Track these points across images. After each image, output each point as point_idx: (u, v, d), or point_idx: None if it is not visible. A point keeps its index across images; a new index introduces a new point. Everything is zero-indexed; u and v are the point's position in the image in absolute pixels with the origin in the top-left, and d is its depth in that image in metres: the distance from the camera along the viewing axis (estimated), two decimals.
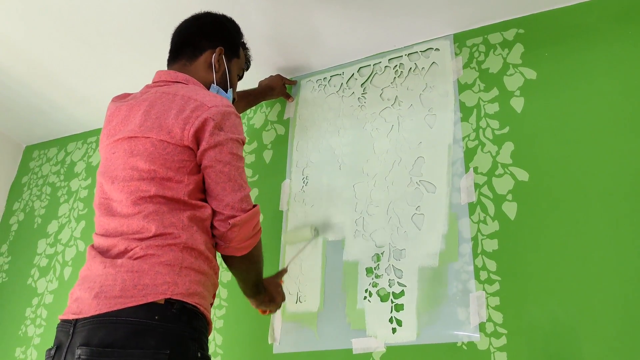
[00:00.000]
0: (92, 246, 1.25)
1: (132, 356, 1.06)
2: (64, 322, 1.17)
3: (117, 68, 2.15)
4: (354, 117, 1.94)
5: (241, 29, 1.60)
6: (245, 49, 1.63)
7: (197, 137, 1.25)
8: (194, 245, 1.20)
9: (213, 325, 1.60)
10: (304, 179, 1.93)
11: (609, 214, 1.44)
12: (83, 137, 2.55)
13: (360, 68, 2.02)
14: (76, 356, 1.08)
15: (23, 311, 2.20)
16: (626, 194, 1.45)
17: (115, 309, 1.10)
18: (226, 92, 1.49)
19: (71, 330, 1.13)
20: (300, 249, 1.78)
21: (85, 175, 2.41)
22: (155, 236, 1.18)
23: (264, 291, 1.52)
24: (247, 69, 1.68)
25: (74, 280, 2.15)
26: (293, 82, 2.12)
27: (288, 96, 2.09)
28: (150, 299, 1.11)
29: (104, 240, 1.23)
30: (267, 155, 2.04)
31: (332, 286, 1.71)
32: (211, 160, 1.26)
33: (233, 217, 1.25)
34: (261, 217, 1.91)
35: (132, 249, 1.18)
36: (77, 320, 1.13)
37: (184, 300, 1.15)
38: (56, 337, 1.18)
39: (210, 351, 1.75)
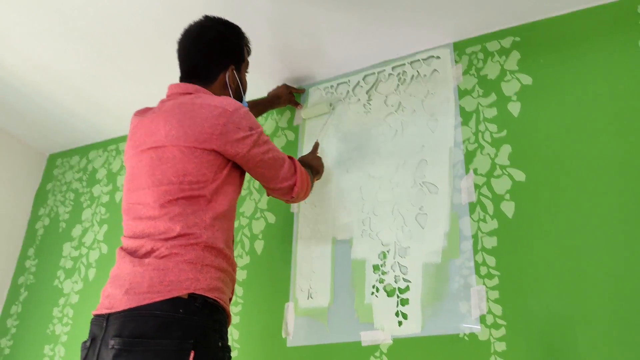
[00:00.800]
0: (121, 248, 1.36)
1: (160, 345, 1.17)
2: (98, 317, 1.28)
3: (135, 79, 2.27)
4: (360, 123, 2.04)
5: (236, 24, 1.63)
6: (242, 34, 1.65)
7: (224, 140, 1.38)
8: (214, 244, 1.31)
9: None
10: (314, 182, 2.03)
11: (602, 212, 1.53)
12: (104, 145, 2.68)
13: (365, 76, 2.12)
14: (110, 346, 1.19)
15: (50, 311, 2.33)
16: (618, 194, 1.53)
17: (144, 303, 1.21)
18: (242, 101, 1.61)
19: (104, 324, 1.24)
20: (324, 123, 2.08)
21: (107, 182, 2.54)
22: (179, 236, 1.29)
23: (316, 172, 1.84)
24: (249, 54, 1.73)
25: (98, 281, 2.28)
26: (301, 91, 2.22)
27: (296, 104, 2.20)
28: (175, 294, 1.22)
29: (132, 241, 1.34)
30: None
31: (342, 283, 1.81)
32: (255, 158, 1.46)
33: (292, 187, 1.58)
34: (271, 219, 2.02)
35: (157, 249, 1.29)
36: (109, 315, 1.24)
37: (206, 294, 1.26)
38: (90, 331, 1.29)
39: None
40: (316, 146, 1.94)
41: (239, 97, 1.61)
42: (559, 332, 1.46)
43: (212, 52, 1.57)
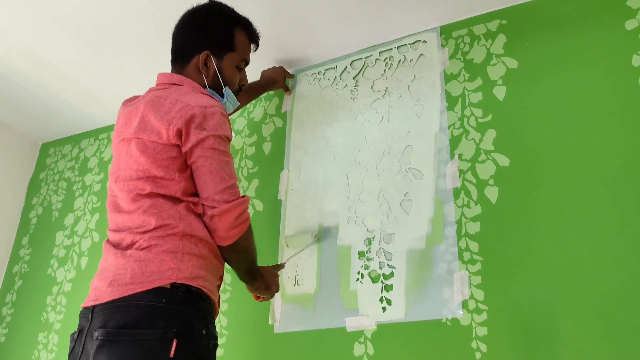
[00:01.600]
0: (107, 241, 1.38)
1: (143, 335, 1.18)
2: (85, 309, 1.29)
3: (125, 70, 2.27)
4: (346, 109, 2.03)
5: (235, 11, 1.61)
6: (246, 28, 1.63)
7: (180, 135, 1.34)
8: (192, 233, 1.31)
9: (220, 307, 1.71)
10: (301, 169, 2.03)
11: (586, 197, 1.52)
12: (95, 133, 2.68)
13: (352, 61, 2.11)
14: (94, 338, 1.20)
15: (44, 299, 2.35)
16: (602, 179, 1.52)
17: (126, 294, 1.22)
18: (221, 93, 1.57)
19: (90, 316, 1.26)
20: (299, 250, 1.84)
21: (98, 170, 2.54)
22: (155, 228, 1.30)
23: (260, 278, 1.57)
24: (256, 46, 1.68)
25: (90, 269, 2.29)
26: (291, 76, 2.21)
27: (287, 89, 2.19)
28: (157, 284, 1.22)
29: (115, 235, 1.36)
30: (267, 147, 2.15)
31: (327, 269, 1.81)
32: (194, 157, 1.34)
33: (213, 208, 1.33)
34: (259, 207, 2.03)
35: (137, 241, 1.30)
36: (95, 306, 1.26)
37: (188, 283, 1.26)
38: (79, 323, 1.31)
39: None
40: (280, 267, 1.74)
41: (218, 87, 1.57)
42: (539, 317, 1.46)
43: (191, 33, 1.57)
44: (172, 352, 1.17)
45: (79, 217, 2.47)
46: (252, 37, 1.66)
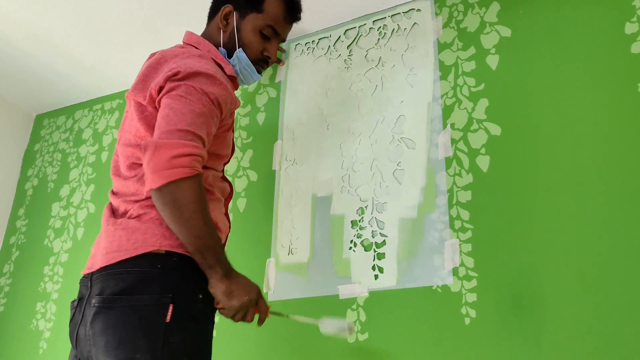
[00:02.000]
0: (106, 206, 1.38)
1: (140, 301, 1.18)
2: (84, 277, 1.31)
3: (118, 40, 2.25)
4: (340, 79, 2.03)
5: None
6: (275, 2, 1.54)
7: (154, 90, 1.29)
8: None
9: None
10: (294, 139, 2.03)
11: (576, 166, 1.53)
12: (89, 104, 2.67)
13: (346, 30, 2.10)
14: (91, 305, 1.22)
15: (41, 269, 2.37)
16: (594, 148, 1.53)
17: (114, 261, 1.23)
18: (228, 55, 1.51)
19: (89, 284, 1.27)
20: (307, 321, 1.46)
21: (93, 142, 2.54)
22: (147, 198, 1.29)
23: (222, 274, 1.23)
24: (293, 17, 1.59)
25: (86, 240, 2.31)
26: (282, 50, 2.20)
27: (279, 61, 2.18)
28: (140, 251, 1.22)
29: (113, 199, 1.37)
30: (260, 117, 2.15)
31: (321, 238, 1.83)
32: (162, 105, 1.24)
33: (154, 146, 1.16)
34: (253, 177, 2.03)
35: (129, 210, 1.30)
36: (92, 274, 1.27)
37: (176, 251, 1.24)
38: (79, 291, 1.32)
39: None
40: (267, 309, 1.34)
41: (232, 46, 1.52)
42: (527, 283, 1.48)
43: None
44: (169, 317, 1.17)
45: (74, 188, 2.48)
46: (290, 9, 1.56)
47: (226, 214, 1.53)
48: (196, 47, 1.47)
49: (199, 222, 1.18)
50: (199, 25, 1.65)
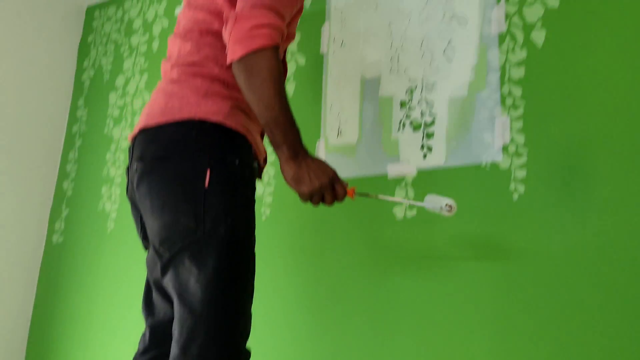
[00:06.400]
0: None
1: (177, 166, 1.22)
2: (130, 145, 1.36)
3: None
4: None
5: None
6: None
7: None
8: (225, 77, 1.30)
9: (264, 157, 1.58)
10: (343, 19, 2.00)
11: (633, 41, 1.46)
12: None
13: None
14: (134, 169, 1.29)
15: (104, 156, 2.49)
16: None
17: (150, 124, 1.27)
18: None
19: (132, 146, 1.34)
20: (394, 200, 1.40)
21: (143, 31, 2.57)
22: (193, 64, 1.31)
23: (291, 154, 1.20)
24: None
25: None
26: None
27: None
28: (177, 117, 1.25)
29: (164, 64, 1.40)
30: (308, 0, 2.11)
31: (369, 120, 1.84)
32: None
33: (235, 19, 1.19)
34: (301, 61, 2.03)
35: (173, 74, 1.34)
36: (134, 137, 1.33)
37: (209, 119, 1.25)
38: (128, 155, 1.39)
39: (265, 181, 1.98)
40: (345, 187, 1.25)
41: None
42: (578, 157, 1.47)
43: None
44: (207, 182, 1.19)
45: (129, 78, 2.54)
46: None
47: None
48: None
49: (269, 92, 1.17)
50: None
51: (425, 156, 1.71)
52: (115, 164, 2.44)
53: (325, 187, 1.21)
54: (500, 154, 1.58)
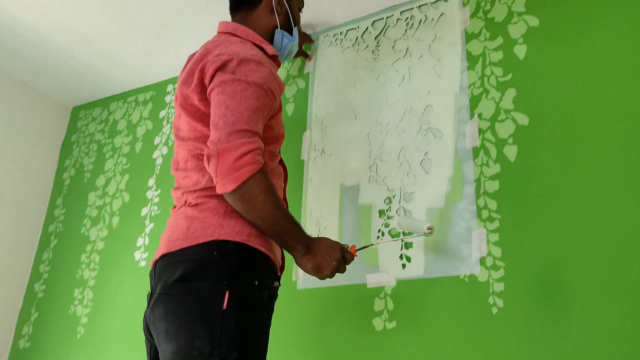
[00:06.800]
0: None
1: (197, 288, 1.20)
2: (152, 270, 1.34)
3: (149, 33, 2.31)
4: (368, 69, 2.04)
5: None
6: None
7: (205, 80, 1.31)
8: None
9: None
10: (323, 129, 2.06)
11: (603, 157, 1.52)
12: (123, 97, 2.74)
13: (374, 22, 2.11)
14: (155, 293, 1.27)
15: (79, 257, 2.45)
16: (620, 139, 1.52)
17: (174, 249, 1.26)
18: (291, 33, 1.56)
19: (154, 273, 1.32)
20: (399, 239, 1.66)
21: (127, 132, 2.61)
22: (205, 188, 1.32)
23: (305, 251, 1.29)
24: None
25: (121, 228, 2.38)
26: (311, 41, 2.22)
27: (306, 55, 2.20)
28: (200, 240, 1.24)
29: (174, 192, 1.42)
30: (290, 108, 2.18)
31: (349, 228, 1.86)
32: (213, 100, 1.27)
33: (215, 153, 1.20)
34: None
35: (188, 199, 1.34)
36: (156, 263, 1.32)
37: (233, 239, 1.25)
38: (150, 283, 1.36)
39: None
40: (347, 251, 1.38)
41: (288, 28, 1.56)
42: (555, 272, 1.49)
43: None
44: (225, 304, 1.17)
45: (109, 178, 2.56)
46: None
47: (284, 200, 1.55)
48: (234, 34, 1.48)
49: (271, 211, 1.23)
50: (224, 18, 1.67)
51: (404, 266, 1.71)
52: (90, 266, 2.39)
53: (340, 262, 1.33)
54: (479, 267, 1.59)
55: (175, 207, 1.41)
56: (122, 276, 2.27)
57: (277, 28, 1.53)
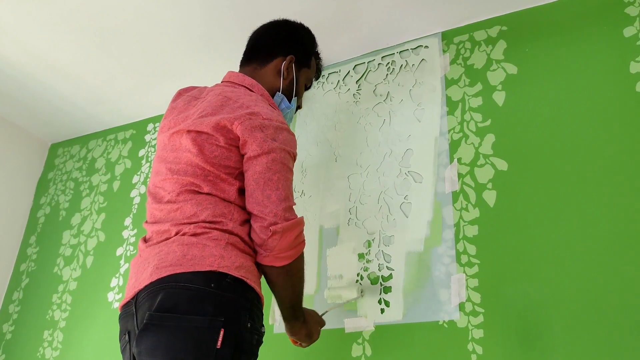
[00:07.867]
0: (143, 239, 1.34)
1: (191, 322, 1.12)
2: (125, 306, 1.24)
3: (131, 72, 2.31)
4: (349, 112, 2.06)
5: (315, 39, 1.64)
6: (317, 58, 1.65)
7: (245, 137, 1.28)
8: (239, 233, 1.26)
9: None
10: (304, 171, 2.06)
11: (581, 202, 1.54)
12: (102, 134, 2.72)
13: (355, 66, 2.14)
14: (137, 323, 1.17)
15: (50, 297, 2.38)
16: (598, 184, 1.54)
17: (166, 274, 1.17)
18: (289, 101, 1.55)
19: (134, 309, 1.21)
20: (341, 303, 1.73)
21: (105, 171, 2.58)
22: (204, 221, 1.25)
23: (303, 320, 1.44)
24: (317, 79, 1.71)
25: (95, 268, 2.33)
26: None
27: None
28: (198, 268, 1.17)
29: (155, 226, 1.30)
30: None
31: (327, 270, 1.83)
32: (262, 167, 1.27)
33: (275, 224, 1.24)
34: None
35: (182, 230, 1.25)
36: (137, 294, 1.21)
37: (231, 273, 1.18)
38: (121, 326, 1.26)
39: None
40: (321, 322, 1.55)
41: (289, 95, 1.55)
42: (534, 319, 1.48)
43: (279, 35, 1.57)
44: (220, 343, 1.11)
45: (85, 216, 2.51)
46: (319, 69, 1.69)
47: None
48: (250, 89, 1.47)
49: (301, 286, 1.37)
50: (213, 64, 1.67)
51: (382, 311, 1.69)
52: (61, 307, 2.32)
53: (319, 332, 1.50)
54: (457, 313, 1.57)
55: (150, 240, 1.31)
56: (94, 318, 2.21)
57: (279, 91, 1.53)
